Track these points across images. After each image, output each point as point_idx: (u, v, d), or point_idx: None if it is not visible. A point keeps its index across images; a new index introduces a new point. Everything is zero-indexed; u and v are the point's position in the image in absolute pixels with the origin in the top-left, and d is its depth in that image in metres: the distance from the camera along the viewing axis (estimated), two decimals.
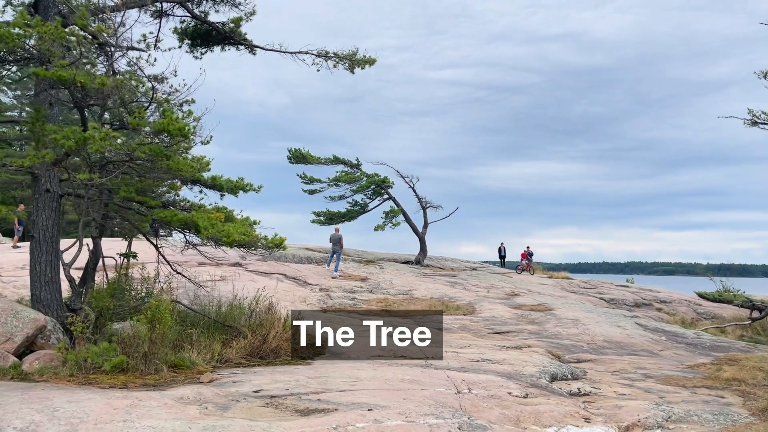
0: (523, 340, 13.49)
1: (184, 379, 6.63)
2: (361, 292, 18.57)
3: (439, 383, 7.22)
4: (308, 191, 29.83)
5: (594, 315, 17.47)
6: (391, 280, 21.43)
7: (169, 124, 6.93)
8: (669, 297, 26.39)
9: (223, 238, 7.82)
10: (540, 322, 16.06)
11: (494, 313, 16.84)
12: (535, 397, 7.47)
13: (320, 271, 21.79)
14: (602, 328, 15.44)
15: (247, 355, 8.11)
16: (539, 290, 22.89)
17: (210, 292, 11.59)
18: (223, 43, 10.96)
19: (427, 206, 31.19)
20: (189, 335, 7.79)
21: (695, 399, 8.87)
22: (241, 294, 10.34)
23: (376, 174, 30.19)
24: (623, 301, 23.91)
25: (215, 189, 10.22)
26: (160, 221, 7.86)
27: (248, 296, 10.43)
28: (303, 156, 29.38)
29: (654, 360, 12.56)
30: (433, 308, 16.71)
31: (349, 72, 12.96)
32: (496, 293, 21.10)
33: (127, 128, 7.51)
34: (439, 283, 22.46)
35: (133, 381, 6.36)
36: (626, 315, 19.10)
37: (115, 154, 7.28)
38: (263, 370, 7.47)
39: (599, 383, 9.61)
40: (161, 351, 6.91)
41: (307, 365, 8.13)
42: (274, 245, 8.45)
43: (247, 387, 6.26)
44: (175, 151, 7.45)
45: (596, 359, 12.11)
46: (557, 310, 17.72)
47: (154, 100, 7.72)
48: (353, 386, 6.53)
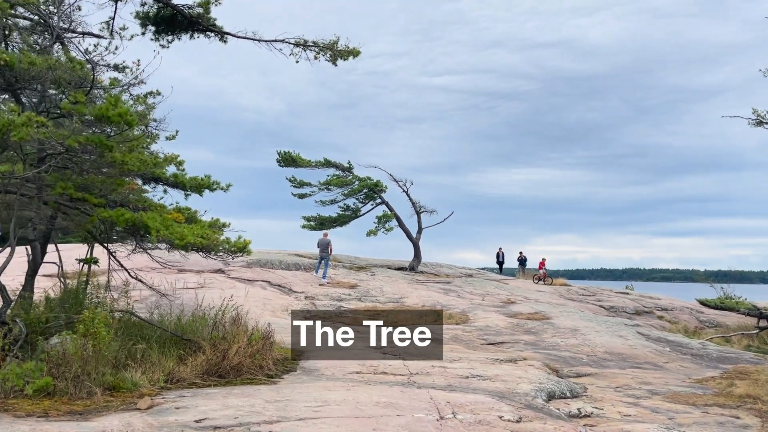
0: (518, 351, 12.56)
1: (120, 404, 5.69)
2: (348, 300, 17.63)
3: (419, 407, 6.28)
4: (298, 195, 28.91)
5: (594, 324, 16.55)
6: (381, 287, 20.49)
7: (108, 110, 6.02)
8: (670, 304, 25.49)
9: (176, 241, 6.89)
10: (537, 331, 15.14)
11: (488, 323, 15.91)
12: (529, 421, 6.54)
13: (308, 278, 20.85)
14: (603, 339, 14.52)
15: (204, 374, 7.16)
16: (536, 298, 21.97)
17: (174, 301, 10.67)
18: (191, 29, 10.06)
19: (421, 211, 30.28)
20: (136, 351, 6.84)
21: (708, 420, 7.94)
22: (215, 303, 9.44)
23: (368, 178, 29.29)
24: (623, 309, 23.01)
25: (178, 188, 9.32)
26: (103, 222, 6.92)
27: (222, 305, 9.54)
28: (293, 159, 28.43)
29: (659, 374, 11.63)
30: (425, 314, 15.78)
31: (331, 64, 12.08)
32: (491, 301, 20.17)
33: (66, 116, 6.60)
34: (432, 290, 21.53)
35: (58, 408, 5.42)
36: (627, 324, 18.17)
37: (51, 145, 6.36)
38: (218, 391, 6.52)
39: (601, 402, 8.69)
40: (97, 371, 5.97)
41: (271, 384, 7.18)
42: (238, 249, 7.53)
43: (189, 415, 5.32)
44: (118, 142, 6.53)
45: (597, 373, 11.18)
46: (555, 318, 16.80)
47: (96, 84, 6.81)
48: (317, 413, 5.59)
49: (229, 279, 18.53)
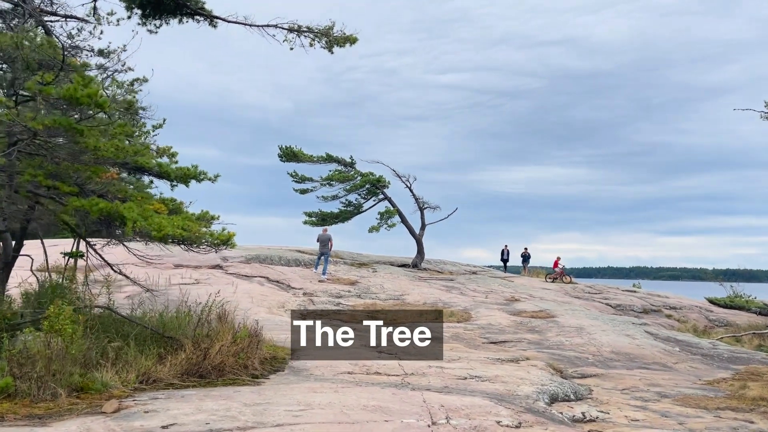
0: (521, 351, 12.10)
1: (85, 407, 5.27)
2: (348, 297, 17.19)
3: (410, 411, 5.84)
4: (299, 191, 28.43)
5: (600, 323, 16.05)
6: (382, 284, 20.04)
7: (76, 90, 5.58)
8: (679, 303, 24.90)
9: (153, 233, 6.47)
10: (541, 330, 14.66)
11: (491, 321, 15.44)
12: (529, 426, 6.09)
13: (307, 274, 20.42)
14: (609, 338, 14.02)
15: (184, 374, 6.72)
16: (541, 295, 21.47)
17: (167, 297, 10.29)
18: (178, 12, 9.63)
19: (425, 207, 29.76)
20: (110, 349, 6.42)
21: (721, 425, 7.46)
22: (209, 299, 9.02)
23: (370, 173, 28.78)
24: (631, 308, 22.47)
25: (163, 178, 8.91)
26: (77, 211, 6.50)
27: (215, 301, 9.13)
28: (294, 154, 27.98)
29: (668, 375, 11.14)
30: (426, 313, 15.33)
31: (327, 51, 11.63)
32: (494, 298, 19.69)
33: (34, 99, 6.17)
34: (434, 287, 21.06)
35: (17, 411, 5.00)
36: (635, 322, 17.66)
37: (19, 129, 5.94)
38: (195, 393, 6.09)
39: (607, 405, 8.22)
40: (64, 371, 5.55)
41: (254, 386, 6.74)
42: (221, 242, 7.10)
43: (157, 420, 4.89)
44: (91, 126, 6.10)
45: (603, 374, 10.70)
46: (560, 317, 16.31)
47: (67, 66, 6.37)
48: (297, 418, 5.15)
49: (226, 275, 18.12)
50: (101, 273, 10.86)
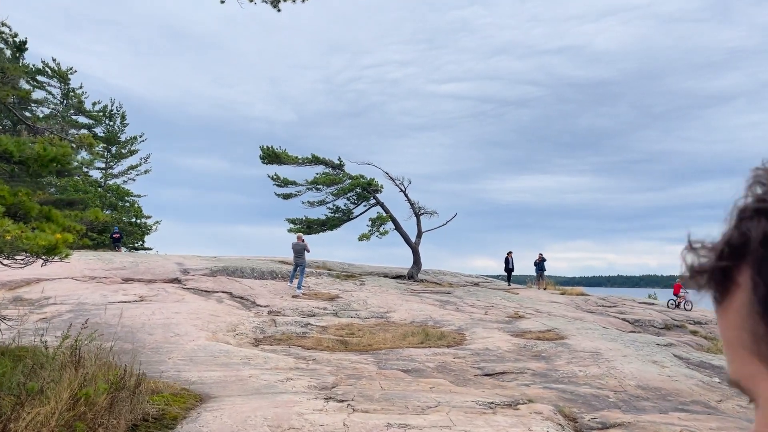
0: (522, 387, 9.52)
1: None
2: (321, 316, 14.63)
3: None
4: (282, 195, 25.99)
5: (620, 345, 13.42)
6: (365, 299, 17.47)
7: None
8: (703, 317, 22.18)
9: None
10: (548, 356, 12.05)
11: (488, 344, 12.84)
12: None
13: (280, 288, 17.88)
14: (633, 366, 11.40)
15: None
16: (549, 310, 18.84)
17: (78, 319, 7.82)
18: None
19: (421, 213, 27.18)
20: None
21: None
22: (144, 321, 6.56)
23: (361, 176, 26.29)
24: (651, 323, 19.82)
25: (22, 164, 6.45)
26: None
27: (148, 323, 6.65)
28: (276, 155, 25.51)
29: (715, 421, 8.51)
30: (411, 335, 12.75)
31: (272, 7, 9.19)
32: (495, 315, 17.09)
33: None
34: (427, 302, 18.48)
35: None
36: (659, 343, 15.02)
37: None
38: None
39: None
40: None
41: None
42: (45, 251, 4.59)
43: None
44: None
45: (631, 422, 8.08)
46: (571, 338, 13.70)
47: None
48: None
49: (181, 290, 15.61)
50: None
